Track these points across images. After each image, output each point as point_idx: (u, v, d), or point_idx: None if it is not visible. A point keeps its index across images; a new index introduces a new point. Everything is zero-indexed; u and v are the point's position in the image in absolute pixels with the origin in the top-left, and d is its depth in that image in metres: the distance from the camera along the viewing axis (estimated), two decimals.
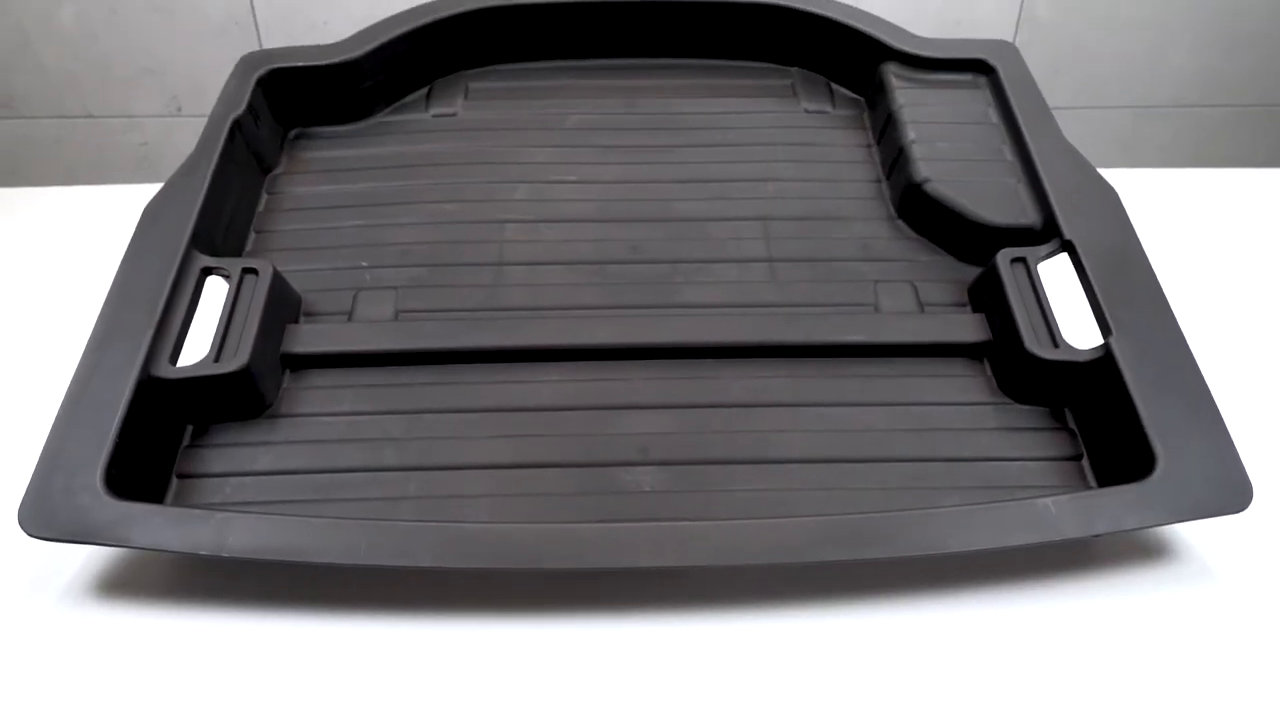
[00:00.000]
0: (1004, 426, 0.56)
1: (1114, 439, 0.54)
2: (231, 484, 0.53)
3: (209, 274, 0.59)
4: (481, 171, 0.71)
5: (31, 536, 0.47)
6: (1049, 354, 0.55)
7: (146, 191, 0.63)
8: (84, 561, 0.52)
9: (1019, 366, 0.57)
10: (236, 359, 0.54)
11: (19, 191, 0.83)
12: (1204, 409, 0.52)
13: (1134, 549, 0.53)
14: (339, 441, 0.55)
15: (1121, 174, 0.68)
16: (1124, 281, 0.59)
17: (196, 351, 0.55)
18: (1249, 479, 0.50)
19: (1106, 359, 0.55)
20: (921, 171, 0.67)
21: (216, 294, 0.58)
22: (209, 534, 0.47)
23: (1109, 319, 0.56)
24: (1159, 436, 0.51)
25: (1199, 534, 0.54)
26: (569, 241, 0.66)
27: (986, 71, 0.74)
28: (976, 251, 0.64)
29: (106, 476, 0.49)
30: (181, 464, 0.54)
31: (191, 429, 0.56)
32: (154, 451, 0.53)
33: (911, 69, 0.75)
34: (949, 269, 0.65)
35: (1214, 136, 1.31)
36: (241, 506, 0.52)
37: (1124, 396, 0.53)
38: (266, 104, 0.72)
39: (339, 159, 0.73)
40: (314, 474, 0.54)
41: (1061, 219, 0.62)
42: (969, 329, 0.60)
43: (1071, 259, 0.60)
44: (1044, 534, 0.48)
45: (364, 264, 0.65)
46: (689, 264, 0.65)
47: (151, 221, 0.61)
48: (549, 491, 0.53)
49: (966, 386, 0.58)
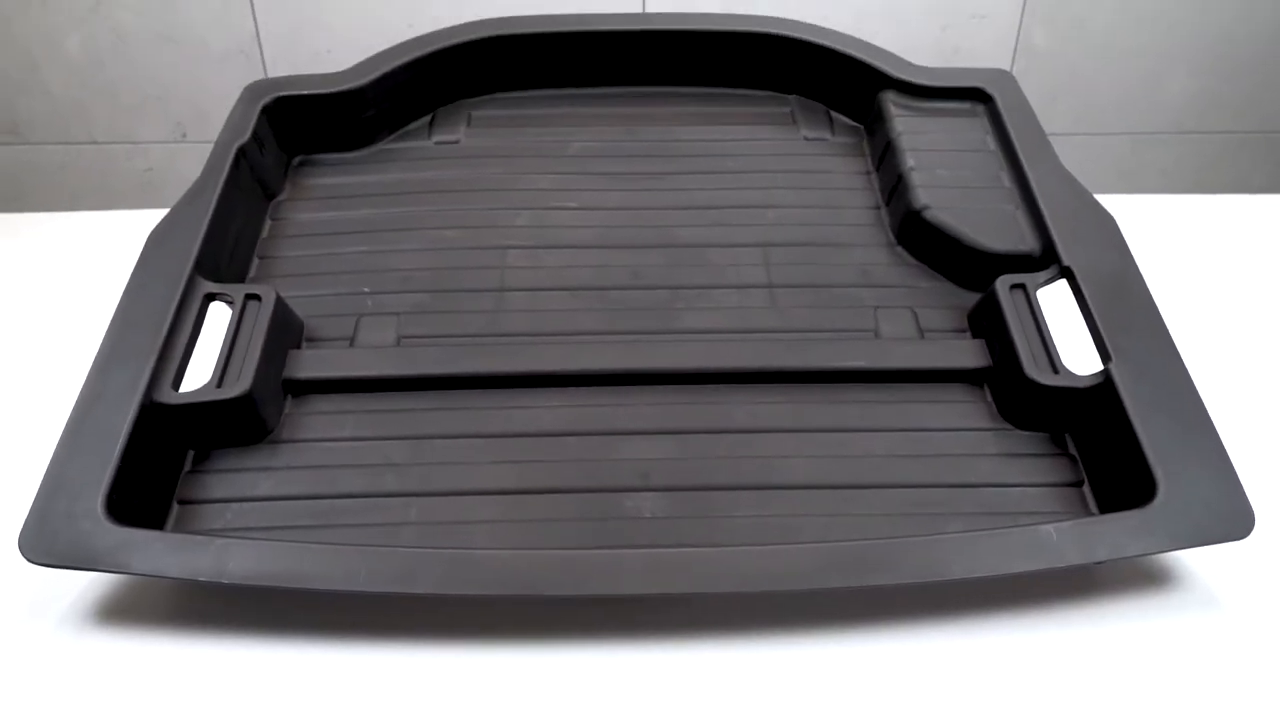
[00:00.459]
0: (1005, 452, 0.56)
1: (1115, 465, 0.54)
2: (232, 509, 0.53)
3: (212, 299, 0.59)
4: (483, 198, 0.72)
5: (31, 562, 0.47)
6: (1049, 380, 0.56)
7: (151, 217, 0.64)
8: (84, 587, 0.52)
9: (1019, 392, 0.57)
10: (239, 385, 0.54)
11: (24, 217, 0.84)
12: (1204, 435, 0.52)
13: (1136, 575, 0.53)
14: (340, 467, 0.55)
15: (1119, 200, 0.69)
16: (1123, 308, 0.59)
17: (199, 377, 0.55)
18: (1250, 506, 0.50)
19: (1106, 385, 0.55)
20: (921, 198, 0.67)
21: (219, 319, 0.58)
22: (209, 560, 0.47)
23: (1108, 345, 0.56)
24: (1160, 463, 0.51)
25: (1202, 560, 0.54)
26: (570, 267, 0.67)
27: (984, 100, 0.75)
28: (976, 278, 0.64)
29: (108, 502, 0.49)
30: (182, 489, 0.54)
31: (193, 454, 0.56)
32: (155, 477, 0.53)
33: (910, 97, 0.75)
34: (949, 295, 0.65)
35: (1212, 163, 1.32)
36: (242, 532, 0.52)
37: (1124, 423, 0.53)
38: (271, 131, 0.73)
39: (342, 185, 0.73)
40: (315, 499, 0.53)
41: (1060, 245, 0.62)
42: (969, 355, 0.60)
43: (1070, 285, 0.61)
44: (1046, 560, 0.48)
45: (366, 290, 0.65)
46: (690, 290, 0.65)
47: (156, 247, 0.61)
48: (550, 517, 0.53)
49: (967, 412, 0.58)
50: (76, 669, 0.49)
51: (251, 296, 0.59)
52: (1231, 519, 0.49)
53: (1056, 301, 0.60)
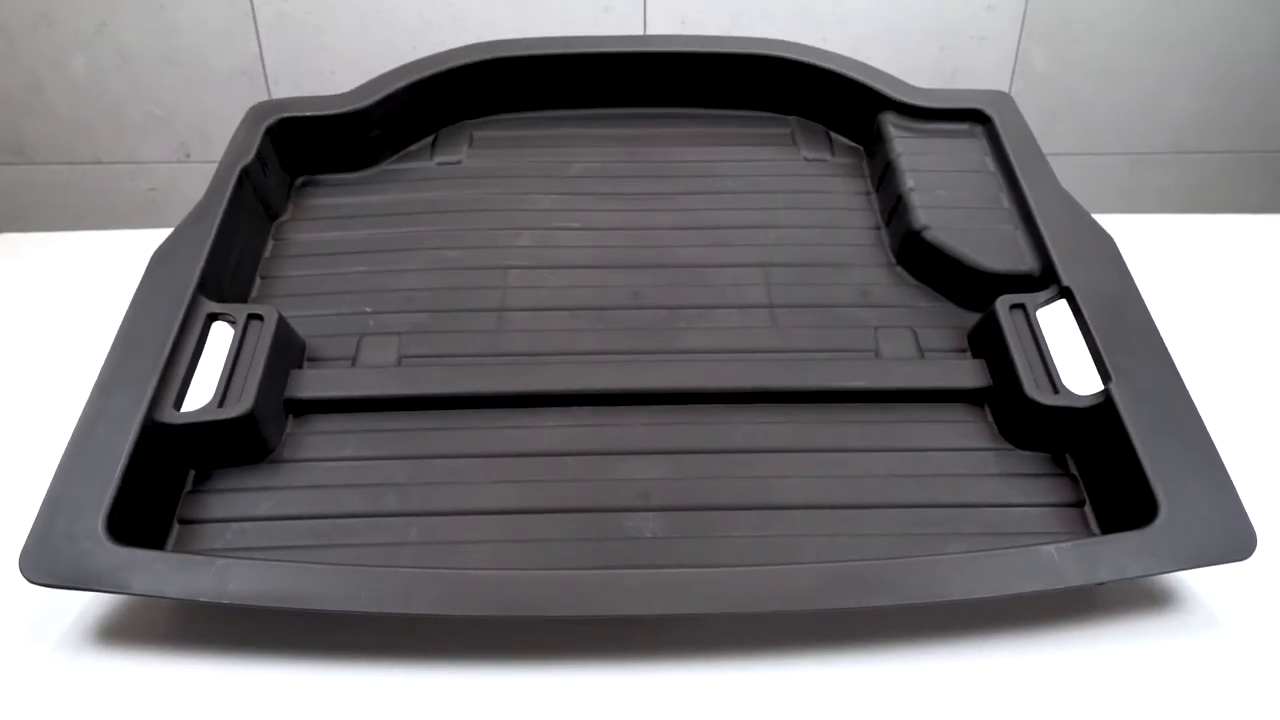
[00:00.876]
0: (1005, 472, 0.56)
1: (1116, 485, 0.54)
2: (233, 529, 0.53)
3: (215, 319, 0.60)
4: (485, 218, 0.72)
5: (32, 583, 0.47)
6: (1049, 400, 0.56)
7: (154, 237, 0.64)
8: (84, 607, 0.52)
9: (1020, 412, 0.57)
10: (240, 404, 0.54)
11: (27, 236, 0.84)
12: (1205, 455, 0.52)
13: (1138, 596, 0.53)
14: (341, 487, 0.55)
15: (1118, 220, 0.69)
16: (1123, 327, 0.59)
17: (201, 396, 0.56)
18: (1252, 526, 0.50)
19: (1107, 405, 0.55)
20: (920, 219, 0.68)
21: (222, 339, 0.59)
22: (209, 580, 0.47)
23: (1108, 365, 0.56)
24: (1161, 483, 0.51)
25: (1204, 581, 0.53)
26: (571, 287, 0.67)
27: (983, 121, 0.76)
28: (975, 298, 0.65)
29: (109, 522, 0.49)
30: (183, 509, 0.54)
31: (194, 474, 0.56)
32: (156, 497, 0.53)
33: (909, 118, 0.76)
34: (949, 315, 0.66)
35: (1210, 183, 1.33)
36: (243, 552, 0.52)
37: (1125, 442, 0.53)
38: (274, 152, 0.73)
39: (345, 206, 0.74)
40: (316, 519, 0.53)
41: (1059, 266, 0.62)
42: (969, 375, 0.60)
43: (1070, 305, 0.61)
44: (1048, 581, 0.47)
45: (368, 309, 0.65)
46: (690, 310, 0.65)
47: (159, 267, 0.62)
48: (551, 537, 0.53)
49: (967, 432, 0.58)
50: (76, 690, 0.49)
51: (254, 316, 0.59)
52: (1233, 539, 0.49)
53: (1056, 321, 0.60)
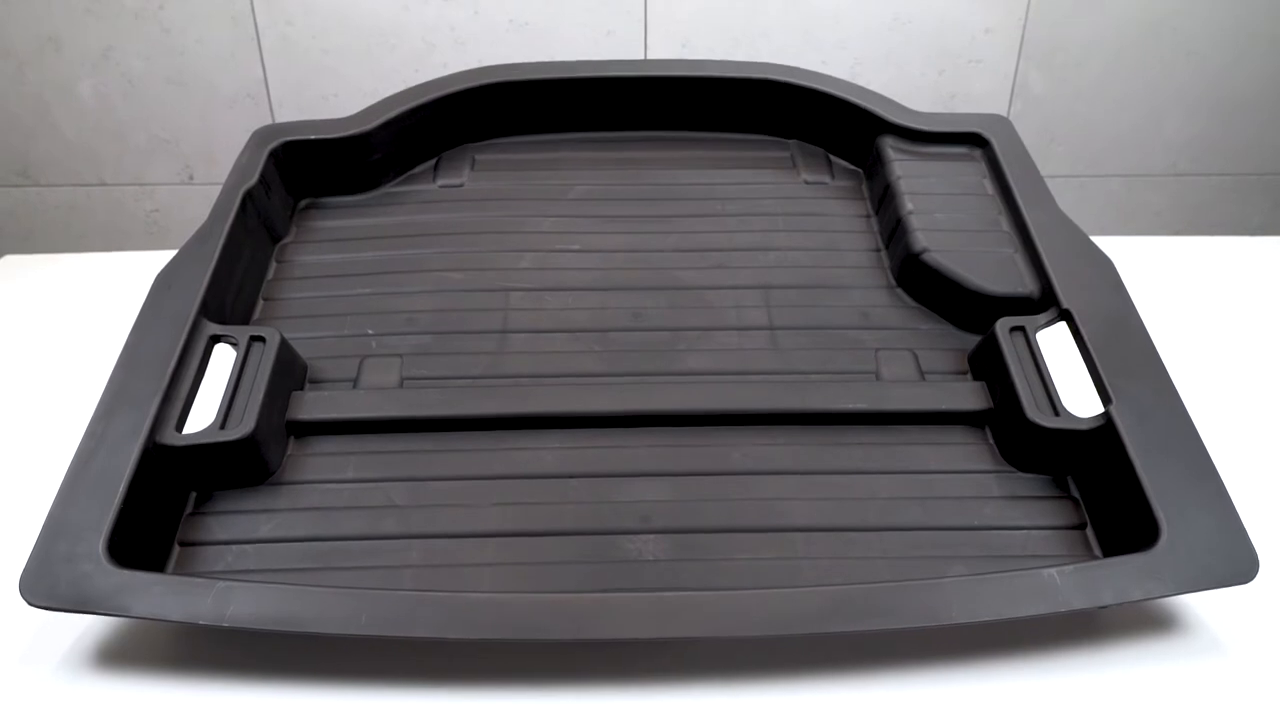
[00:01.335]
0: (1006, 495, 0.56)
1: (1117, 507, 0.53)
2: (233, 552, 0.53)
3: (217, 341, 0.60)
4: (486, 241, 0.73)
5: (32, 605, 0.47)
6: (1050, 422, 0.56)
7: (157, 258, 0.64)
8: (83, 630, 0.52)
9: (1020, 435, 0.57)
10: (242, 427, 0.55)
11: (32, 258, 0.85)
12: (1206, 478, 0.52)
13: (1141, 619, 0.53)
14: (342, 509, 0.55)
15: (1116, 242, 0.69)
16: (1122, 350, 0.59)
17: (203, 418, 0.56)
18: (1254, 549, 0.49)
19: (1107, 427, 0.55)
20: (920, 241, 0.68)
21: (224, 360, 0.59)
22: (209, 603, 0.47)
23: (1109, 387, 0.56)
24: (1162, 505, 0.51)
25: (1207, 604, 0.53)
26: (572, 310, 0.67)
27: (981, 144, 0.76)
28: (975, 320, 0.65)
29: (109, 544, 0.48)
30: (184, 531, 0.54)
31: (195, 496, 0.56)
32: (157, 519, 0.53)
33: (908, 142, 0.76)
34: (949, 337, 0.66)
35: (1209, 204, 1.33)
36: (243, 574, 0.52)
37: (1126, 465, 0.53)
38: (278, 175, 0.74)
39: (347, 228, 0.74)
40: (316, 541, 0.53)
41: (1059, 288, 0.63)
42: (970, 397, 0.60)
43: (1070, 328, 0.61)
44: (1050, 605, 0.47)
45: (370, 331, 0.66)
46: (691, 332, 0.66)
47: (163, 289, 0.62)
48: (551, 560, 0.53)
49: (968, 454, 0.58)
50: (76, 713, 0.48)
51: (256, 338, 0.60)
52: (1235, 562, 0.49)
53: (1056, 344, 0.61)
